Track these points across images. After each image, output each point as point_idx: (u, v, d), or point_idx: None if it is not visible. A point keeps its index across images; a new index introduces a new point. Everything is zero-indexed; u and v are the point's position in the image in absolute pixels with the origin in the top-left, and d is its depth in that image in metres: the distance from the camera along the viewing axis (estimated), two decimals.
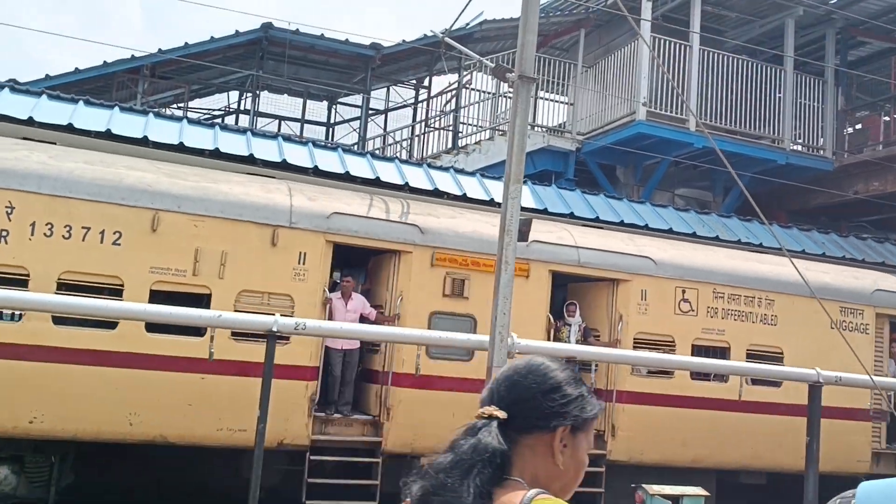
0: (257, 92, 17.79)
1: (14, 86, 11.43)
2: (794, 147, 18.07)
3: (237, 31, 16.38)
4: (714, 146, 9.96)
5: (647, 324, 11.05)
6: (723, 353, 11.35)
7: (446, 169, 13.61)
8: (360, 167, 12.19)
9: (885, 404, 12.08)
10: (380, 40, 17.38)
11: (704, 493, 9.10)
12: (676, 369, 10.94)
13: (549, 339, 10.48)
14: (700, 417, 10.98)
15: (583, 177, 17.90)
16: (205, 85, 19.00)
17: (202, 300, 8.88)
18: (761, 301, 11.74)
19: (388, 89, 20.56)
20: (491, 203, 12.26)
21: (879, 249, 15.69)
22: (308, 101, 20.17)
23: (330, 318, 9.56)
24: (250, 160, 11.33)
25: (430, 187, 12.37)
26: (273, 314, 8.38)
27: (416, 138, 19.48)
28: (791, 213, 18.89)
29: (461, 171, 13.80)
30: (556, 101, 19.82)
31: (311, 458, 9.22)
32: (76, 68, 15.90)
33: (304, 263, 9.32)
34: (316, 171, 11.59)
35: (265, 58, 17.08)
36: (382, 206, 10.38)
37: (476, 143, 17.72)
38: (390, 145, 19.99)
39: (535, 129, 18.59)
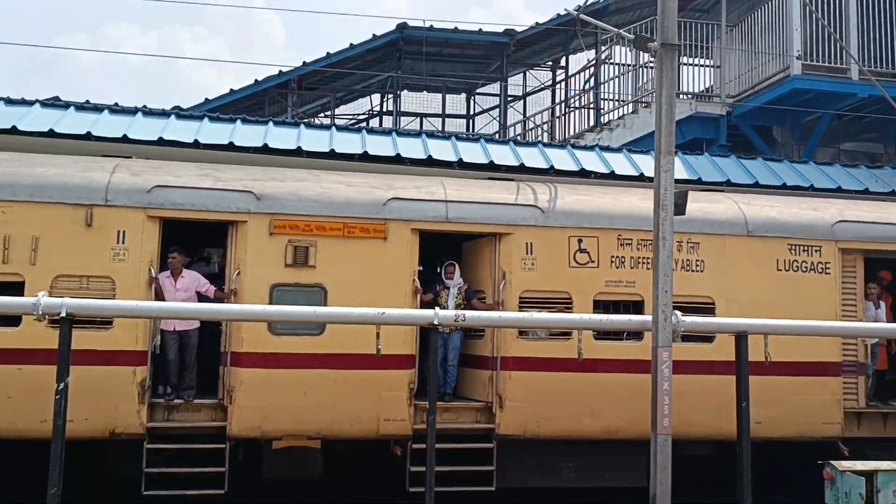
0: (398, 92, 18.21)
1: (179, 112, 12.28)
2: None
3: (374, 35, 16.84)
4: (883, 92, 9.25)
5: (534, 281, 9.72)
6: (636, 307, 9.87)
7: (591, 148, 13.36)
8: (503, 155, 12.20)
9: (862, 355, 10.53)
10: (513, 26, 17.35)
11: None
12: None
13: (417, 307, 9.37)
14: (611, 382, 9.58)
15: (736, 141, 17.06)
16: (348, 91, 19.65)
17: (15, 288, 8.53)
18: (682, 245, 10.10)
19: (525, 74, 20.46)
20: (641, 178, 11.92)
21: None
22: (447, 95, 20.43)
23: (159, 299, 9.01)
24: (398, 160, 11.59)
25: (575, 168, 12.19)
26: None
27: (557, 119, 19.25)
28: None
29: (606, 149, 13.50)
30: (701, 66, 18.95)
31: (148, 446, 8.76)
32: (231, 90, 16.89)
33: (123, 243, 8.81)
34: (461, 164, 11.70)
35: (402, 58, 17.44)
36: (218, 176, 9.53)
37: (619, 118, 17.28)
38: (531, 130, 19.87)
39: (681, 96, 17.89)
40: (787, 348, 9.80)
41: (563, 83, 19.51)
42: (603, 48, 15.08)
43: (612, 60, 18.32)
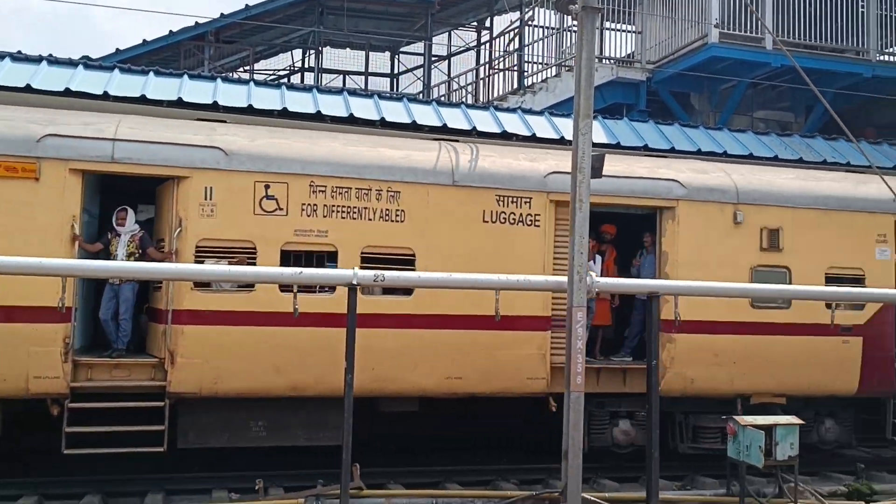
0: (320, 48, 17.81)
1: (87, 62, 11.73)
2: (881, 58, 17.06)
3: None
4: (794, 63, 9.53)
5: (214, 229, 9.04)
6: (330, 258, 9.39)
7: (513, 110, 13.40)
8: (425, 115, 12.13)
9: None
10: None
11: (799, 421, 8.92)
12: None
13: (75, 256, 8.73)
14: (298, 337, 9.01)
15: (655, 107, 17.38)
16: (268, 46, 19.12)
17: None
18: (381, 194, 9.57)
19: (450, 34, 20.30)
20: (562, 141, 12.03)
21: None
22: (371, 54, 20.12)
23: None
24: (318, 117, 11.39)
25: (497, 130, 12.23)
26: None
27: (482, 81, 19.21)
28: (880, 127, 17.94)
29: (529, 111, 13.55)
30: (624, 31, 19.16)
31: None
32: (144, 40, 16.20)
33: None
34: (383, 123, 11.58)
35: (325, 13, 17.04)
36: None
37: (542, 81, 17.37)
38: (455, 91, 19.79)
39: (603, 61, 18.09)
40: (497, 303, 9.16)
41: (488, 44, 19.44)
42: (527, 10, 15.04)
43: (536, 23, 18.35)
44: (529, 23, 18.03)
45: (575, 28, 9.21)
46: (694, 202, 10.61)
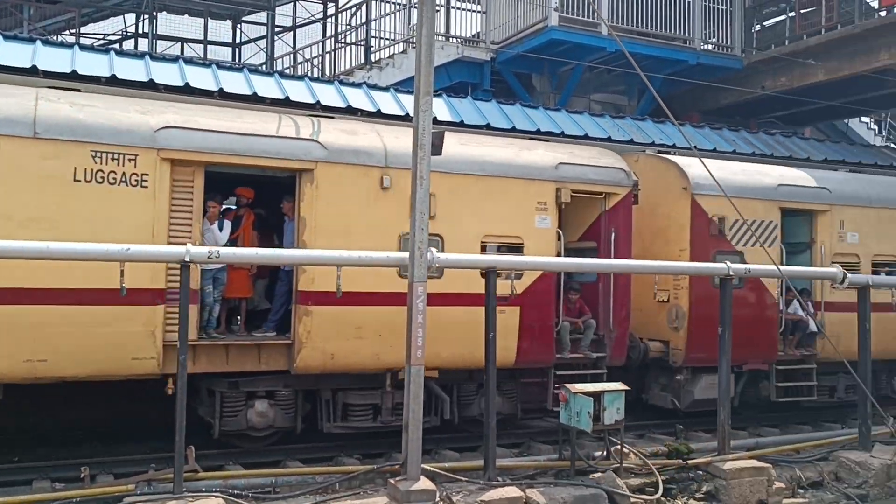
0: (154, 13, 16.86)
1: None
2: (705, 47, 18.25)
3: None
4: (623, 49, 9.97)
5: None
6: None
7: (359, 85, 13.30)
8: (267, 87, 11.81)
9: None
10: None
11: (625, 386, 9.48)
12: None
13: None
14: None
15: (500, 87, 17.78)
16: (97, 8, 17.88)
17: None
18: None
19: (295, 5, 19.79)
20: (407, 118, 12.07)
21: (787, 144, 16.17)
22: (211, 21, 19.26)
23: None
24: (151, 86, 10.84)
25: (342, 105, 12.11)
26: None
27: (328, 55, 18.90)
28: (704, 112, 19.24)
29: (374, 87, 13.50)
30: (470, 10, 19.44)
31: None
32: None
33: None
34: (222, 94, 11.18)
35: None
36: None
37: (389, 56, 17.32)
38: (300, 63, 19.36)
39: (450, 39, 18.28)
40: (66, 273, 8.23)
41: (334, 17, 19.13)
42: None
43: None
44: None
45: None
46: (336, 165, 9.63)
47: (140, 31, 18.45)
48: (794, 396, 12.82)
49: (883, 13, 16.18)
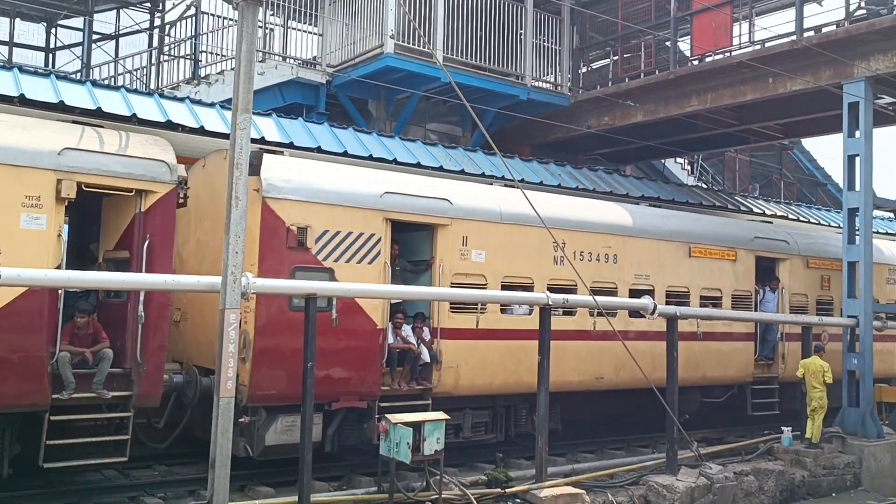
0: None
1: None
2: (536, 83, 18.90)
3: None
4: (450, 80, 10.06)
5: None
6: None
7: (182, 100, 12.66)
8: (78, 96, 10.97)
9: None
10: None
11: (445, 416, 9.42)
12: None
13: None
14: None
15: (336, 111, 17.55)
16: None
17: None
18: None
19: (119, 12, 18.68)
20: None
21: (608, 180, 16.98)
22: (21, 23, 17.80)
23: None
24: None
25: (161, 119, 11.45)
26: None
27: (153, 67, 17.94)
28: (534, 146, 19.91)
29: (198, 102, 12.90)
30: (307, 32, 19.13)
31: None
32: None
33: None
34: (22, 101, 10.26)
35: None
36: None
37: (219, 73, 16.68)
38: (122, 74, 18.26)
39: (287, 60, 17.90)
40: None
41: (161, 29, 18.22)
42: None
43: (212, 12, 17.59)
44: (201, 10, 17.20)
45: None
46: None
47: None
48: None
49: (695, 62, 17.42)
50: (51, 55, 18.46)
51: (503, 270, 11.95)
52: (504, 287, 11.85)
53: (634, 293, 13.16)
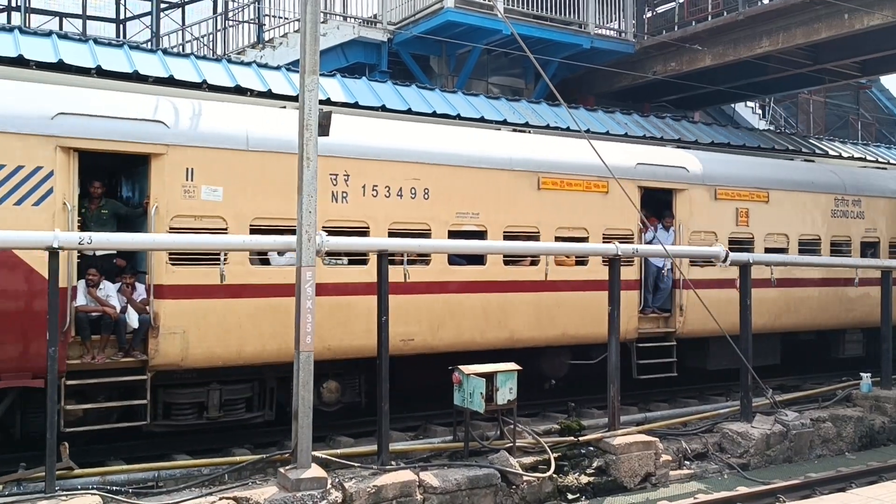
0: None
1: None
2: (599, 31, 18.55)
3: None
4: (513, 31, 9.99)
5: None
6: None
7: (248, 64, 12.89)
8: (150, 65, 11.30)
9: None
10: None
11: (517, 367, 9.55)
12: None
13: None
14: None
15: (398, 69, 17.62)
16: None
17: None
18: None
19: None
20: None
21: (676, 126, 16.64)
22: None
23: None
24: (21, 62, 10.19)
25: (230, 84, 11.71)
26: None
27: (219, 33, 18.26)
28: (599, 95, 19.62)
29: (265, 66, 13.11)
30: None
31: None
32: None
33: None
34: (100, 72, 10.62)
35: None
36: None
37: (283, 35, 16.87)
38: (189, 41, 18.63)
39: (347, 20, 17.98)
40: None
41: None
42: None
43: None
44: None
45: None
46: None
47: (13, 4, 17.37)
48: (99, 423, 8.71)
49: (765, 0, 16.80)
50: (121, 25, 18.96)
51: (251, 211, 9.38)
52: (254, 232, 9.32)
53: (456, 236, 10.78)
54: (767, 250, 13.86)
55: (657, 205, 13.05)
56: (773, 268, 12.94)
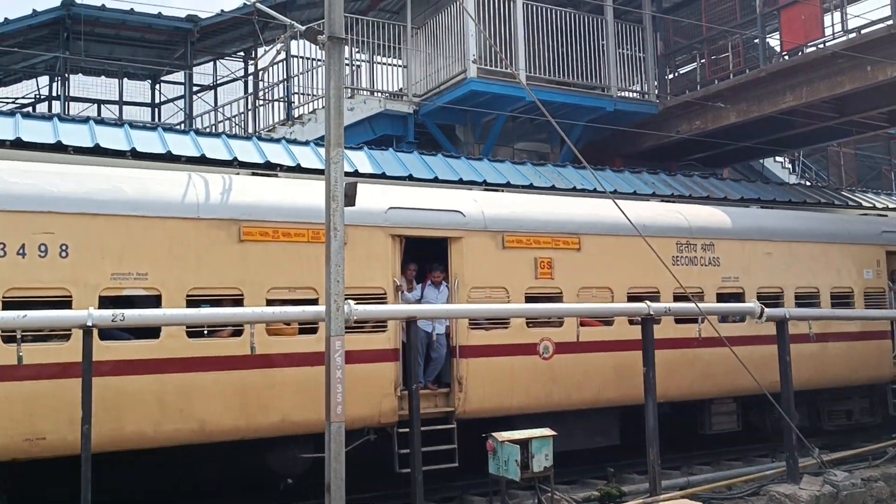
0: (66, 75, 16.57)
1: None
2: (622, 94, 18.76)
3: (34, 11, 15.16)
4: (533, 98, 10.17)
5: None
6: None
7: (278, 140, 13.23)
8: (182, 145, 11.65)
9: None
10: (196, 11, 16.61)
11: (552, 433, 9.39)
12: None
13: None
14: None
15: (425, 139, 17.93)
16: (6, 72, 17.52)
17: None
18: None
19: (215, 63, 19.74)
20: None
21: (704, 184, 16.61)
22: (129, 82, 19.06)
23: None
24: (59, 148, 10.57)
25: (260, 160, 12.00)
26: None
27: (250, 112, 18.83)
28: (625, 157, 19.69)
29: (293, 142, 13.44)
30: (392, 65, 19.68)
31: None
32: None
33: None
34: (134, 154, 10.97)
35: (71, 38, 15.91)
36: None
37: (312, 112, 17.33)
38: (221, 122, 19.22)
39: (374, 94, 18.46)
40: None
41: (254, 75, 19.13)
42: (278, 42, 14.91)
43: (302, 54, 18.32)
44: (283, 52, 17.94)
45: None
46: None
47: (54, 93, 18.14)
48: None
49: (786, 57, 16.90)
50: (156, 109, 19.65)
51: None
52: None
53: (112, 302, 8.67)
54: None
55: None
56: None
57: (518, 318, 10.88)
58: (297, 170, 12.22)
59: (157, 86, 19.78)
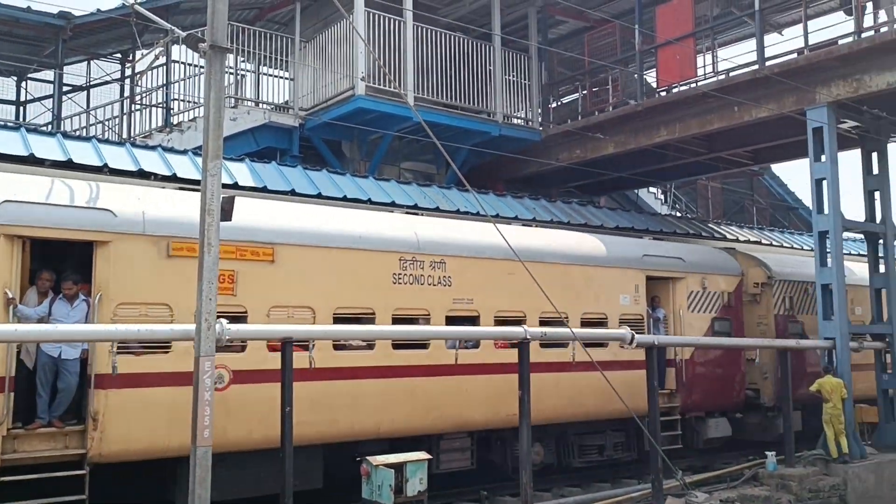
0: None
1: None
2: (507, 120, 19.13)
3: None
4: (419, 119, 10.15)
5: None
6: None
7: (153, 148, 12.68)
8: (47, 148, 10.97)
9: None
10: (70, 9, 15.73)
11: (427, 456, 9.33)
12: None
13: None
14: None
15: (310, 153, 17.65)
16: None
17: None
18: None
19: (89, 63, 18.76)
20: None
21: (582, 211, 17.13)
22: None
23: None
24: None
25: (133, 168, 11.46)
26: None
27: (125, 116, 17.97)
28: (507, 181, 20.08)
29: (171, 150, 12.92)
30: (279, 77, 19.32)
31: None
32: None
33: None
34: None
35: None
36: None
37: (191, 119, 16.73)
38: (93, 125, 18.26)
39: (259, 105, 18.05)
40: None
41: (131, 78, 18.30)
42: (158, 46, 14.39)
43: (183, 60, 17.70)
44: (161, 57, 17.29)
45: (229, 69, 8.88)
46: None
47: None
48: None
49: (662, 93, 17.71)
50: (21, 108, 18.45)
51: None
52: None
53: None
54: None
55: None
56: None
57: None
58: (173, 179, 11.76)
59: (24, 83, 18.59)
